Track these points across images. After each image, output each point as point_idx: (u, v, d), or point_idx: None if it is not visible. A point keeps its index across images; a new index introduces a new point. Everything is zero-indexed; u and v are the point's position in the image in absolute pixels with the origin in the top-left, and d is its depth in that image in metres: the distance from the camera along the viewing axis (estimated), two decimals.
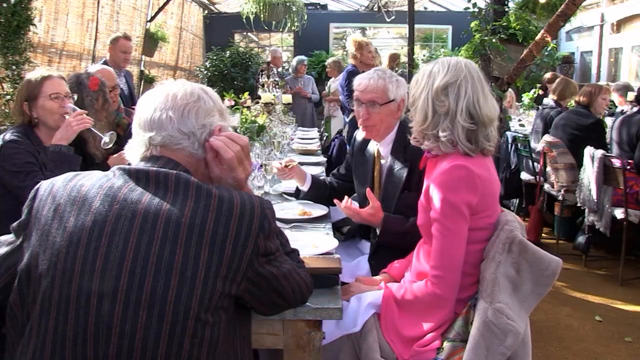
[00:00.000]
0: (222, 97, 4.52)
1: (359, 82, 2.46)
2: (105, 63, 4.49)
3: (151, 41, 8.24)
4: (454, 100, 1.79)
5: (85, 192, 1.29)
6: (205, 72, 9.95)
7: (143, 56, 8.30)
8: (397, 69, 7.90)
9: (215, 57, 10.03)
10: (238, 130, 3.75)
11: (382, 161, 2.53)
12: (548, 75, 7.73)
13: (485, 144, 1.82)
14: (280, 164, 2.73)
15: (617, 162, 4.17)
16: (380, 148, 2.53)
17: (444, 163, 1.80)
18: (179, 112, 1.37)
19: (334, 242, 2.10)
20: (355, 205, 2.36)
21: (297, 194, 2.82)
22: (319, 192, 2.79)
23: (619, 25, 10.60)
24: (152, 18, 8.31)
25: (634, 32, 10.19)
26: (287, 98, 5.93)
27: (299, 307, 1.57)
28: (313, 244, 2.09)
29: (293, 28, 9.84)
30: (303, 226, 2.42)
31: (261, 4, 9.08)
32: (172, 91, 1.40)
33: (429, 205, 1.83)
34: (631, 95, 5.76)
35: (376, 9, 11.42)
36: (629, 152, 4.30)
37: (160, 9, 8.41)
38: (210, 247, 1.24)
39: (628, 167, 4.14)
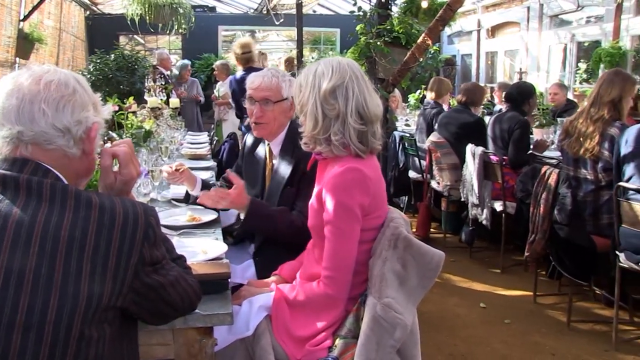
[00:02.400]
0: (106, 102, 4.31)
1: (252, 80, 2.46)
2: None
3: (26, 42, 7.70)
4: (343, 102, 1.79)
5: None
6: (89, 76, 9.46)
7: (17, 58, 7.75)
8: (285, 72, 7.97)
9: (99, 61, 9.57)
10: (124, 137, 3.61)
11: (274, 161, 2.54)
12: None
13: (375, 143, 1.85)
14: (171, 167, 2.65)
15: (494, 158, 4.44)
16: (272, 147, 2.54)
17: (336, 166, 1.81)
18: (54, 105, 1.24)
19: (224, 247, 2.07)
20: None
21: (186, 199, 2.76)
22: None
23: (493, 31, 11.35)
24: (26, 17, 7.75)
25: (505, 37, 10.96)
26: (175, 102, 5.79)
27: (188, 314, 1.52)
28: (202, 249, 2.04)
29: (180, 30, 9.64)
30: (192, 232, 2.37)
31: (146, 6, 8.82)
32: (45, 79, 1.26)
33: (321, 208, 1.84)
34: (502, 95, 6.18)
35: (265, 12, 11.44)
36: (502, 148, 4.60)
37: (34, 8, 7.86)
38: (92, 260, 1.16)
39: (504, 163, 4.42)
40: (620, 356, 3.17)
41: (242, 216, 2.31)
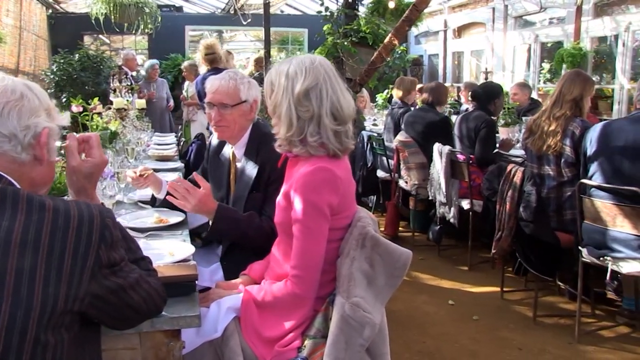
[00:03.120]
0: (70, 103, 4.24)
1: (210, 84, 2.44)
2: None
3: None
4: (317, 104, 1.78)
5: None
6: (52, 76, 9.29)
7: None
8: (254, 72, 7.95)
9: (62, 61, 9.40)
10: None
11: (238, 164, 2.52)
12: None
13: (349, 143, 1.85)
14: (135, 172, 2.61)
15: (461, 157, 4.50)
16: (235, 150, 2.52)
17: (306, 165, 1.80)
18: None
19: (191, 249, 2.05)
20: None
21: (153, 202, 2.73)
22: None
23: (460, 31, 11.49)
24: None
25: (472, 38, 11.11)
26: (141, 103, 5.73)
27: (155, 317, 1.51)
28: (169, 251, 2.02)
29: (147, 30, 9.52)
30: (159, 234, 2.34)
31: (111, 5, 8.68)
32: None
33: (289, 206, 1.83)
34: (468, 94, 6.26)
35: (232, 12, 11.38)
36: (469, 147, 4.66)
37: None
38: (47, 263, 1.13)
39: (470, 162, 4.48)
40: (582, 348, 3.25)
41: (210, 221, 2.29)
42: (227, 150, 2.59)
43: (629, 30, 7.31)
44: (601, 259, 3.10)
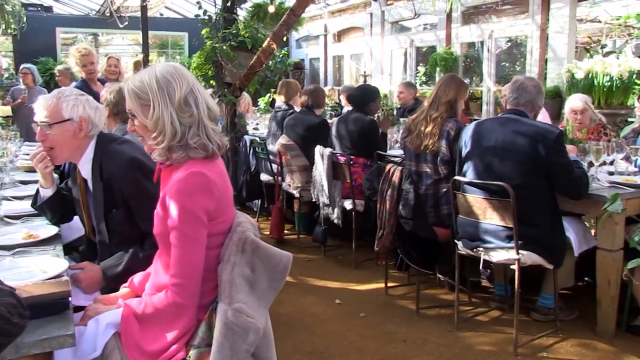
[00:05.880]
0: None
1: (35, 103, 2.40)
2: None
3: None
4: (195, 107, 1.78)
5: None
6: None
7: None
8: None
9: None
10: None
11: (86, 183, 2.42)
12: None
13: (224, 139, 1.87)
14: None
15: (342, 158, 4.62)
16: (80, 168, 2.42)
17: (180, 171, 1.78)
18: None
19: (64, 264, 1.95)
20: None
21: (34, 201, 2.58)
22: (61, 203, 2.57)
23: (340, 35, 11.80)
24: None
25: (351, 42, 11.45)
26: (6, 110, 5.32)
27: (20, 341, 1.40)
28: (41, 268, 1.91)
29: (9, 31, 8.84)
30: (29, 251, 2.19)
31: None
32: None
33: (166, 215, 1.79)
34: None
35: (108, 14, 10.91)
36: (349, 148, 4.77)
37: None
38: None
39: (352, 162, 4.60)
40: (461, 334, 3.45)
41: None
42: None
43: (492, 37, 7.89)
44: (474, 250, 3.32)
